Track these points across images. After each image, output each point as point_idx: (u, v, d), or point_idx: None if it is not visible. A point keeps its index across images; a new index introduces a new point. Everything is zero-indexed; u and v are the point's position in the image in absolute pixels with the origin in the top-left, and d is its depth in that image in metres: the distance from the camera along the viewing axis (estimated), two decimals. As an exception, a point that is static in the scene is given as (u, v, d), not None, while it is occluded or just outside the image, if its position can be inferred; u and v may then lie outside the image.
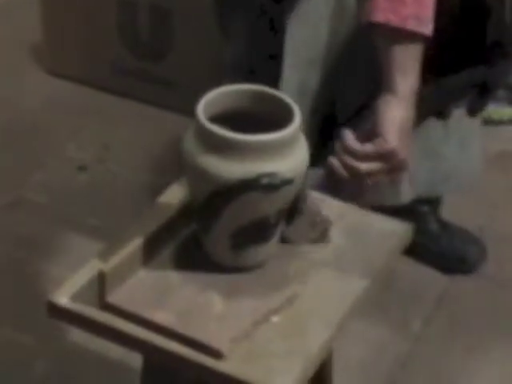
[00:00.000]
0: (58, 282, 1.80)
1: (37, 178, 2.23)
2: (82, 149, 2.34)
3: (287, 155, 1.17)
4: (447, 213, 2.16)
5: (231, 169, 1.15)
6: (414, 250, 1.83)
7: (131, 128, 2.42)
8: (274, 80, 1.55)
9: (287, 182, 1.17)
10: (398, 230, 1.34)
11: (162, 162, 2.30)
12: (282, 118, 1.19)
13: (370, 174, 1.34)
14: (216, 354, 1.13)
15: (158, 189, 2.13)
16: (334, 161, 1.34)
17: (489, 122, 2.47)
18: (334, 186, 1.37)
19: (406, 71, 1.37)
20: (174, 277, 1.23)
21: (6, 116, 2.43)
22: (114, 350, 1.70)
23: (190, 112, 1.20)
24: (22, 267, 1.97)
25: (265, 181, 1.15)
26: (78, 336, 1.75)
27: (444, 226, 2.03)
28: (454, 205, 2.19)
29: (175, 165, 2.06)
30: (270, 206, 1.19)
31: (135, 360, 1.38)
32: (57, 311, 1.21)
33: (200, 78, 2.36)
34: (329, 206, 1.35)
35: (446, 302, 1.94)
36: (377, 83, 1.40)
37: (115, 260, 1.20)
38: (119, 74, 2.50)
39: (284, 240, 1.27)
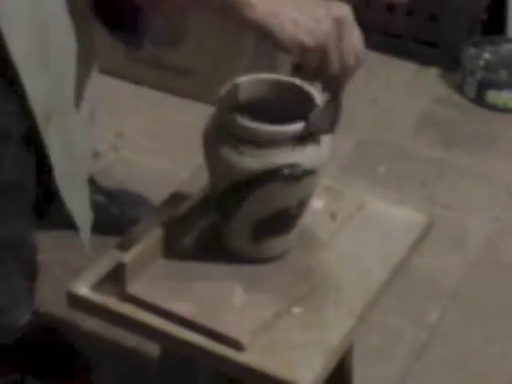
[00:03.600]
0: (72, 270, 1.81)
1: (51, 165, 2.23)
2: (97, 134, 2.33)
3: (309, 146, 1.16)
4: (462, 201, 2.16)
5: (252, 159, 1.14)
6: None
7: (145, 115, 2.41)
8: None
9: (309, 172, 1.16)
10: (418, 222, 1.33)
11: (176, 150, 2.29)
12: (303, 107, 1.18)
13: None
14: (236, 346, 1.12)
15: (172, 176, 2.15)
16: None
17: (505, 109, 2.46)
18: None
19: None
20: (194, 267, 1.22)
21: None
22: (130, 339, 1.70)
23: (204, 99, 1.19)
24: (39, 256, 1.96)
25: (286, 171, 1.14)
26: (93, 324, 1.74)
27: (109, 195, 2.03)
28: (471, 194, 2.18)
29: (189, 152, 2.06)
30: (291, 196, 1.18)
31: (151, 348, 1.37)
32: (77, 301, 1.20)
33: (214, 66, 2.36)
34: (350, 196, 1.34)
35: (463, 291, 1.93)
36: None
37: (135, 251, 1.19)
38: (133, 62, 2.49)
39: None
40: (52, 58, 1.44)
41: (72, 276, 1.59)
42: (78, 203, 1.63)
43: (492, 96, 2.46)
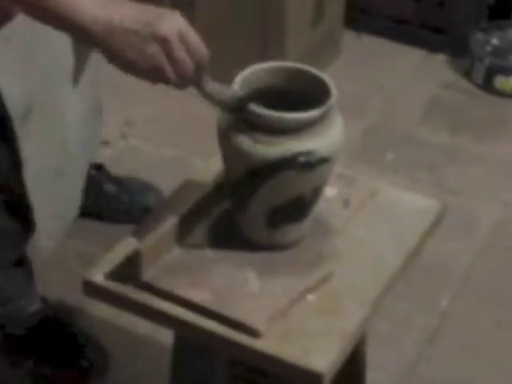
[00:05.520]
0: (82, 259, 1.81)
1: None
2: (105, 124, 2.33)
3: (324, 133, 1.16)
4: (471, 187, 2.15)
5: (267, 147, 1.14)
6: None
7: (153, 104, 2.41)
8: None
9: (324, 160, 1.16)
10: (431, 209, 1.34)
11: (185, 138, 2.29)
12: (317, 95, 1.18)
13: None
14: (253, 333, 1.13)
15: (181, 164, 2.15)
16: None
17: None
18: None
19: None
20: (209, 255, 1.23)
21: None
22: (142, 326, 1.71)
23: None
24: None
25: (301, 159, 1.14)
26: (105, 312, 1.75)
27: (119, 183, 2.04)
28: (479, 179, 2.18)
29: (197, 140, 2.06)
30: (306, 184, 1.18)
31: (163, 335, 1.37)
32: (92, 289, 1.21)
33: (223, 55, 2.35)
34: (362, 183, 1.35)
35: (473, 277, 1.93)
36: None
37: (150, 238, 1.19)
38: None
39: None
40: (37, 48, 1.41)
41: (83, 264, 1.60)
42: (48, 205, 1.60)
43: (500, 81, 2.46)
